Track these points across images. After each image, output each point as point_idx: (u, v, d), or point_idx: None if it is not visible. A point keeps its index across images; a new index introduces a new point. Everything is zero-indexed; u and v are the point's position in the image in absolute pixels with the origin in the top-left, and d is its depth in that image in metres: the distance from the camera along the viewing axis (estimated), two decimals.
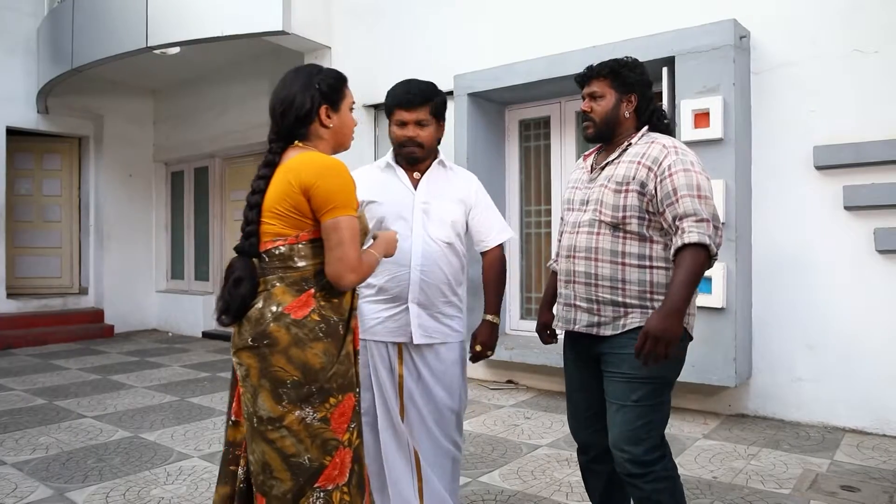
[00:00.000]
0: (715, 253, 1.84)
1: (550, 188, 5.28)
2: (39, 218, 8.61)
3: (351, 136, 1.87)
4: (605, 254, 1.96)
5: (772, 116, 4.06)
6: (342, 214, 1.63)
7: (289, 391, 1.62)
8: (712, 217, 1.86)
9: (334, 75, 1.82)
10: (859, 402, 3.77)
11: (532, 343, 4.97)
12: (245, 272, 1.67)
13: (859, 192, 3.75)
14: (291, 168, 1.67)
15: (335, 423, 1.65)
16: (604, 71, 2.05)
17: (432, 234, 2.26)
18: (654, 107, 2.08)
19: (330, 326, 1.67)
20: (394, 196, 2.27)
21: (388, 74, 5.82)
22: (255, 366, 1.64)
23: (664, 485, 1.90)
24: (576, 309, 2.04)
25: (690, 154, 1.95)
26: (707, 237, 1.81)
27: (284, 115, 1.74)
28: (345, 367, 1.68)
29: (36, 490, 3.05)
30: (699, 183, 1.88)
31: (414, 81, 2.29)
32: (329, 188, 1.63)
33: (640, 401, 1.91)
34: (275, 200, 1.67)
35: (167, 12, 5.82)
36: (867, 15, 3.77)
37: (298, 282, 1.67)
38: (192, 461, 3.44)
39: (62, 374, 5.84)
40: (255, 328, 1.64)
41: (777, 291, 4.03)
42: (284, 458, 1.62)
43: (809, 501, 2.81)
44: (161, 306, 8.87)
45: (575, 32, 4.70)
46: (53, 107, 7.98)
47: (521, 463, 3.36)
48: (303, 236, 1.67)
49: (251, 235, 1.69)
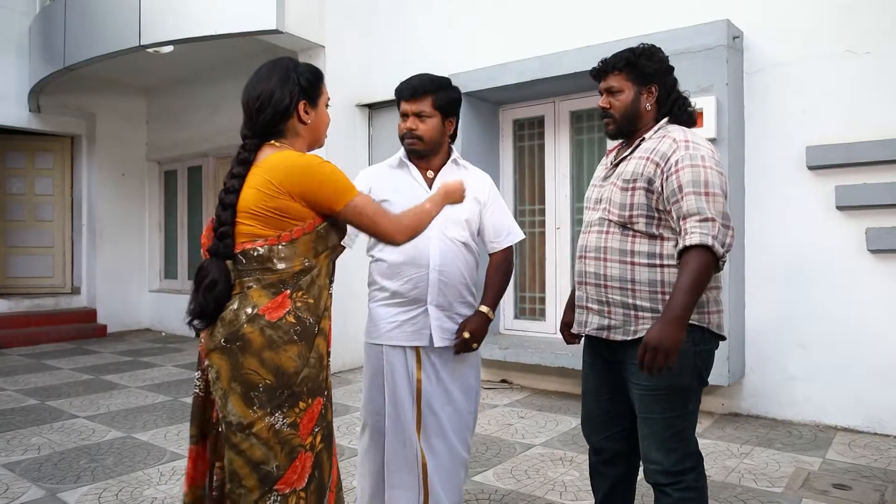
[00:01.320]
0: (722, 255, 1.74)
1: (544, 188, 5.28)
2: (31, 217, 8.57)
3: (325, 133, 1.84)
4: (614, 253, 1.88)
5: (765, 116, 4.07)
6: (350, 199, 1.65)
7: (260, 395, 1.56)
8: (719, 216, 1.74)
9: (312, 70, 1.78)
10: (851, 401, 3.80)
11: (526, 343, 4.98)
12: (219, 275, 1.60)
13: (851, 191, 3.77)
14: (270, 168, 1.62)
15: (303, 428, 1.60)
16: (619, 64, 1.93)
17: (449, 234, 2.23)
18: (675, 95, 1.96)
19: (305, 328, 1.63)
20: (408, 195, 2.19)
21: (382, 74, 5.83)
22: (226, 367, 1.57)
23: (693, 494, 1.84)
24: (587, 311, 1.97)
25: (703, 148, 1.83)
26: (710, 238, 1.71)
27: (261, 110, 1.69)
28: (315, 370, 1.64)
29: (28, 490, 3.04)
30: (707, 179, 1.77)
31: (422, 74, 2.29)
32: (326, 183, 1.62)
33: (664, 412, 1.84)
34: (251, 201, 1.61)
35: (160, 10, 5.78)
36: (859, 16, 3.79)
37: (276, 283, 1.61)
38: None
39: (54, 374, 5.81)
40: (229, 329, 1.58)
41: (770, 291, 4.05)
42: (253, 465, 1.56)
43: (802, 500, 2.83)
44: (154, 306, 8.83)
45: (569, 32, 4.71)
46: (45, 105, 7.94)
47: (515, 462, 3.37)
48: (284, 237, 1.62)
49: (225, 237, 1.62)
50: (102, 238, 8.51)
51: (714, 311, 1.87)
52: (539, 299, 5.33)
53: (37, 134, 8.27)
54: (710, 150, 1.85)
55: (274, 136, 1.71)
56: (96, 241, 8.46)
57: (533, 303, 5.38)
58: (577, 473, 3.18)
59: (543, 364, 4.67)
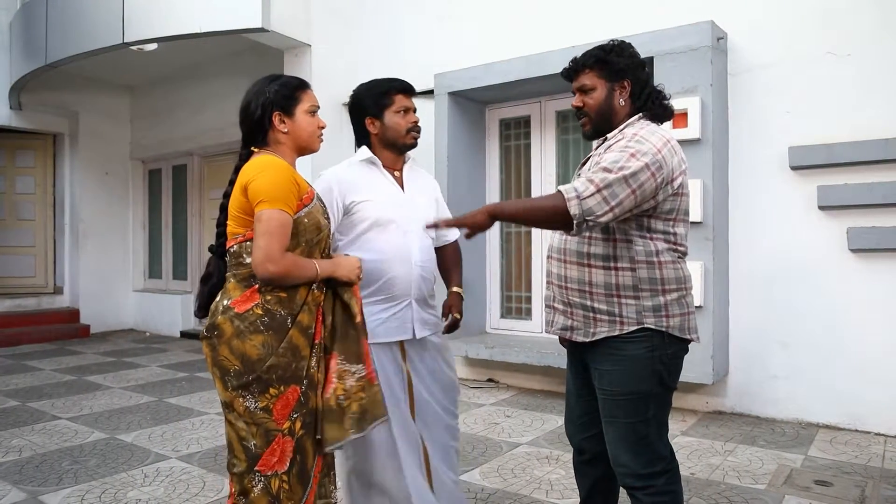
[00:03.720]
0: (578, 215, 1.68)
1: (530, 187, 5.30)
2: (12, 216, 8.46)
3: (315, 138, 1.93)
4: (573, 255, 1.88)
5: (748, 117, 4.11)
6: (268, 208, 1.71)
7: (231, 379, 1.72)
8: (603, 183, 1.68)
9: (286, 82, 1.90)
10: (833, 399, 3.85)
11: (512, 341, 4.99)
12: (214, 269, 1.85)
13: (833, 192, 3.81)
14: (242, 172, 1.80)
15: (277, 413, 1.72)
16: (590, 61, 1.91)
17: (424, 230, 2.30)
18: (649, 90, 1.91)
19: (274, 320, 1.73)
20: (384, 194, 2.27)
21: (368, 73, 5.75)
22: (209, 354, 1.77)
23: (665, 499, 1.83)
24: (554, 311, 1.98)
25: (647, 143, 1.75)
26: (573, 191, 1.68)
27: (242, 123, 1.88)
28: (286, 359, 1.73)
29: (9, 493, 3.00)
30: (626, 165, 1.69)
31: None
32: (260, 184, 1.72)
33: (627, 416, 1.83)
34: (231, 203, 1.81)
35: (144, 7, 5.73)
36: (841, 19, 3.83)
37: (247, 278, 1.76)
38: (169, 462, 3.40)
39: (36, 375, 5.73)
40: (210, 320, 1.77)
41: (753, 290, 4.09)
42: (239, 439, 1.74)
43: (784, 496, 2.86)
44: (138, 306, 8.75)
45: (554, 33, 4.72)
46: (27, 103, 7.83)
47: (502, 461, 3.38)
48: (248, 234, 1.77)
49: (220, 237, 1.85)
50: (85, 237, 8.42)
51: (675, 315, 1.83)
52: (525, 298, 5.35)
53: (18, 132, 8.17)
54: (655, 149, 1.74)
55: (258, 145, 1.87)
56: (79, 241, 8.37)
57: (519, 302, 5.39)
58: (563, 472, 3.19)
59: (529, 363, 4.68)
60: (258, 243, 1.70)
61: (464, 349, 4.96)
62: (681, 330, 1.85)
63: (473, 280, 5.17)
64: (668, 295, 1.82)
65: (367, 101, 2.31)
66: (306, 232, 1.80)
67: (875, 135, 3.70)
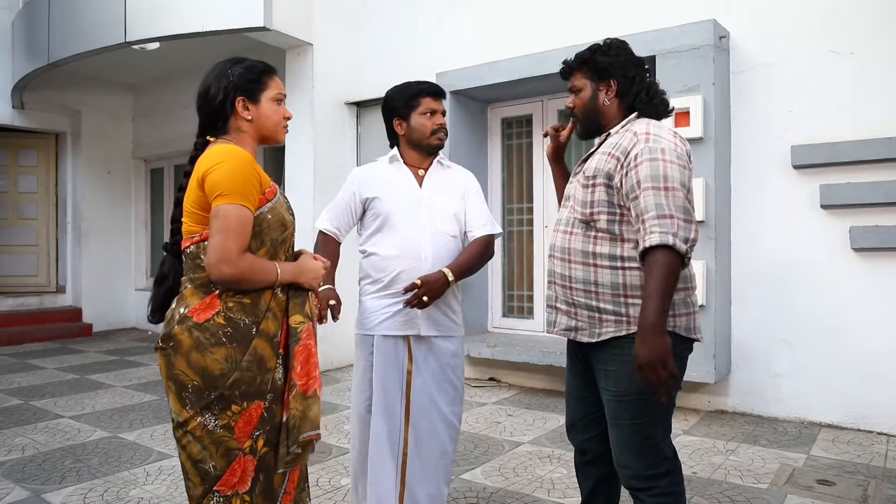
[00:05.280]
0: (686, 251, 1.66)
1: (532, 186, 5.30)
2: (15, 215, 8.47)
3: (280, 128, 1.76)
4: (577, 255, 1.85)
5: (750, 116, 4.10)
6: (226, 202, 1.53)
7: (190, 395, 1.56)
8: (679, 211, 1.67)
9: (253, 65, 1.73)
10: (835, 398, 3.84)
11: (514, 341, 5.00)
12: (169, 270, 1.66)
13: (835, 191, 3.81)
14: (198, 164, 1.61)
15: (239, 431, 1.56)
16: (576, 62, 1.92)
17: (440, 228, 2.30)
18: (638, 88, 1.88)
19: (237, 330, 1.57)
20: (400, 192, 2.31)
21: (370, 72, 5.81)
22: (164, 366, 1.60)
23: (669, 500, 1.82)
24: (556, 311, 1.95)
25: (664, 140, 1.75)
26: (671, 236, 1.64)
27: (201, 108, 1.71)
28: (251, 373, 1.57)
29: (12, 492, 3.00)
30: (666, 173, 1.69)
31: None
32: (218, 175, 1.54)
33: (633, 418, 1.81)
34: (186, 198, 1.63)
35: (146, 7, 5.73)
36: (843, 17, 3.82)
37: (206, 283, 1.58)
38: (172, 461, 3.41)
39: (38, 374, 5.75)
40: (165, 329, 1.59)
41: (755, 288, 4.09)
42: (193, 462, 1.58)
43: (786, 495, 2.85)
44: (140, 305, 8.74)
45: (556, 31, 4.72)
46: (29, 102, 7.84)
47: (504, 460, 3.38)
48: (205, 233, 1.58)
49: (175, 234, 1.66)
50: (88, 236, 8.43)
51: (682, 314, 1.82)
52: (527, 297, 5.35)
53: (20, 131, 8.18)
54: (672, 142, 1.76)
55: (217, 133, 1.70)
56: (82, 240, 8.38)
57: (521, 301, 5.39)
58: (564, 471, 3.19)
59: (531, 362, 4.68)
60: (213, 241, 1.52)
61: (466, 348, 4.95)
62: (686, 329, 1.84)
63: (475, 279, 5.16)
64: (676, 294, 1.79)
65: (396, 102, 2.35)
66: (270, 230, 1.63)
67: (878, 133, 3.70)
